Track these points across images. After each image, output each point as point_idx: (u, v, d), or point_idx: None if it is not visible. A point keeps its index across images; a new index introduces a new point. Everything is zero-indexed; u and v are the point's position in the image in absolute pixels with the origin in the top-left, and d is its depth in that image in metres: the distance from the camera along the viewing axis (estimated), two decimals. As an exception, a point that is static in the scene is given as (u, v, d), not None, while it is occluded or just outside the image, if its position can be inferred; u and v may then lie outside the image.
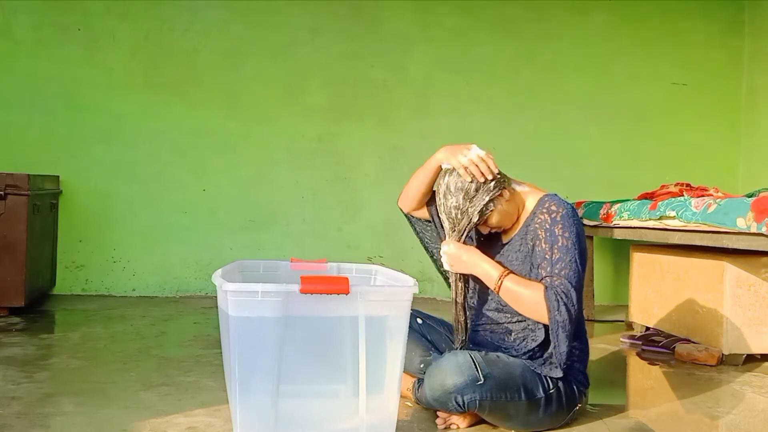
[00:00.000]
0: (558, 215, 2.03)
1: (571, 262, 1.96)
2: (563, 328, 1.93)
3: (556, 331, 1.94)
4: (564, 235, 2.00)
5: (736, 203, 2.76)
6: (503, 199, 2.07)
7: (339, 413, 1.85)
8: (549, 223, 2.03)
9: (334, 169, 4.62)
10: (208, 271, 4.39)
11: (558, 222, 2.02)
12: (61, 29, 4.35)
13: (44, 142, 4.31)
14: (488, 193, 2.04)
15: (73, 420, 2.02)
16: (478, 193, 2.04)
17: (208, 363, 2.74)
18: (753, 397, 2.55)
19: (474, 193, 2.03)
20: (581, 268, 1.98)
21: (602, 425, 2.15)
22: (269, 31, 4.57)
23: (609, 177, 4.81)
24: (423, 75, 4.73)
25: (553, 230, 2.01)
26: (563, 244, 1.99)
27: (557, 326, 1.94)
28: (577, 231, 2.03)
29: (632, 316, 3.76)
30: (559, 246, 1.99)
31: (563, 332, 1.93)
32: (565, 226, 2.01)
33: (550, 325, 1.95)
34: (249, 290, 1.73)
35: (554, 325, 1.94)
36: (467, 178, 2.03)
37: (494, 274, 2.03)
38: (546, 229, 2.02)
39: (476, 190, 2.03)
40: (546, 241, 2.01)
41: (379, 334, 1.81)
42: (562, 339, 1.94)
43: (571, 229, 2.01)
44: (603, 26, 4.89)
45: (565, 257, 1.97)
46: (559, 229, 2.01)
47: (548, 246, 2.00)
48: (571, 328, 1.94)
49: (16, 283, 3.53)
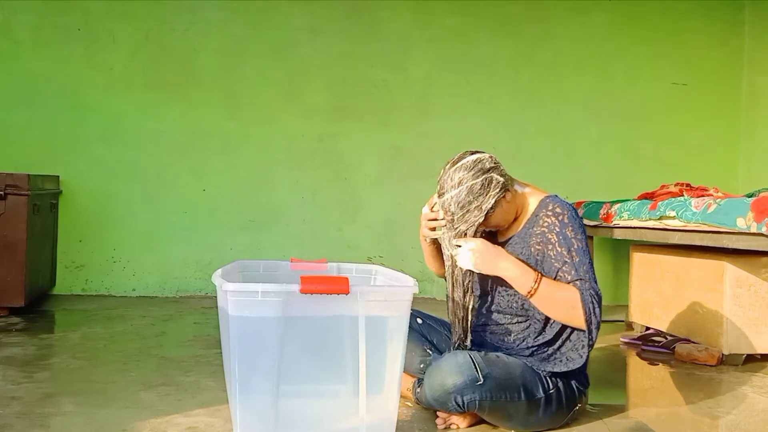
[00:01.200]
0: (565, 217, 2.03)
1: (590, 264, 2.01)
2: (597, 327, 1.99)
3: (590, 332, 2.00)
4: (577, 237, 2.02)
5: (736, 203, 2.76)
6: (505, 201, 2.07)
7: (339, 413, 1.85)
8: (559, 226, 2.03)
9: (334, 169, 4.62)
10: (208, 271, 4.39)
11: (567, 224, 2.03)
12: (61, 29, 4.35)
13: (44, 142, 4.31)
14: (494, 196, 2.03)
15: (73, 420, 2.02)
16: (483, 193, 2.03)
17: (208, 363, 2.74)
18: (753, 397, 2.55)
19: (479, 191, 2.02)
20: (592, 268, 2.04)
21: (602, 425, 2.15)
22: (269, 31, 4.57)
23: (609, 177, 4.81)
24: (423, 75, 4.73)
25: (566, 233, 2.02)
26: (579, 246, 2.01)
27: (593, 326, 1.99)
28: (583, 232, 2.06)
29: (632, 316, 3.76)
30: (576, 249, 2.00)
31: (596, 330, 2.00)
32: (575, 228, 2.03)
33: (585, 325, 1.98)
34: (249, 290, 1.73)
35: (590, 326, 1.99)
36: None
37: (530, 276, 2.00)
38: (557, 232, 2.02)
39: (481, 189, 2.02)
40: (561, 244, 2.01)
41: (379, 334, 1.81)
42: (595, 336, 2.02)
43: (579, 230, 2.03)
44: (603, 26, 4.89)
45: (584, 259, 2.00)
46: (571, 231, 2.02)
47: (565, 249, 2.00)
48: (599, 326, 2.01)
49: (16, 283, 3.53)
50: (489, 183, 2.01)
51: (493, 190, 2.02)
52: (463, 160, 2.04)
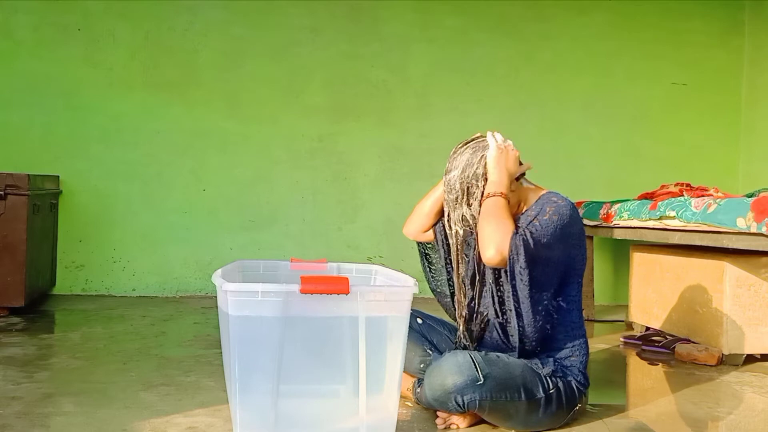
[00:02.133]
0: (553, 205, 2.05)
1: (546, 226, 1.98)
2: (520, 274, 1.93)
3: (510, 273, 1.94)
4: (551, 213, 2.01)
5: (736, 203, 2.76)
6: (510, 189, 2.09)
7: (339, 413, 1.85)
8: (543, 203, 2.06)
9: (334, 169, 4.62)
10: (208, 271, 4.39)
11: (551, 205, 2.04)
12: (61, 29, 4.35)
13: (44, 142, 4.31)
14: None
15: (73, 420, 2.02)
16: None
17: (208, 363, 2.74)
18: (753, 397, 2.55)
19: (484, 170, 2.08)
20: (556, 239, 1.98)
21: (602, 425, 2.15)
22: (269, 31, 4.57)
23: (609, 177, 4.81)
24: (423, 75, 4.73)
25: (545, 208, 2.04)
26: (544, 219, 2.01)
27: (512, 268, 1.93)
28: (566, 222, 2.02)
29: (632, 316, 3.76)
30: (540, 219, 2.01)
31: (519, 277, 1.93)
32: (555, 210, 2.03)
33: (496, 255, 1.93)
34: (249, 290, 1.73)
35: (510, 266, 1.93)
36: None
37: (500, 188, 2.04)
38: (540, 209, 2.05)
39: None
40: (533, 211, 2.06)
41: (379, 334, 1.81)
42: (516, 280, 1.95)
43: (560, 212, 2.02)
44: (603, 26, 4.89)
45: (540, 227, 1.98)
46: (550, 210, 2.03)
47: (533, 214, 2.04)
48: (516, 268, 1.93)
49: (16, 283, 3.53)
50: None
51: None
52: (475, 141, 2.14)
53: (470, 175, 2.08)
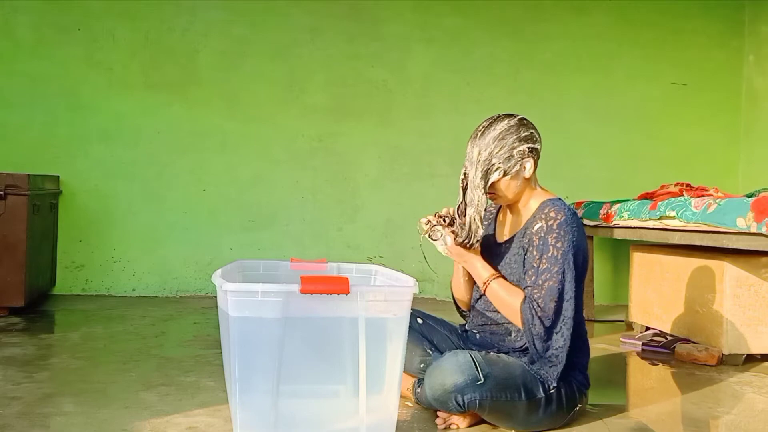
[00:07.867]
0: (555, 223, 2.03)
1: (557, 273, 1.99)
2: (539, 338, 1.98)
3: (532, 342, 2.00)
4: (556, 245, 2.01)
5: (736, 203, 2.76)
6: (521, 174, 2.13)
7: (339, 413, 1.85)
8: (545, 230, 2.03)
9: (334, 169, 4.62)
10: (208, 271, 4.39)
11: (553, 230, 2.02)
12: (61, 29, 4.35)
13: (44, 142, 4.31)
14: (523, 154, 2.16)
15: (73, 420, 2.02)
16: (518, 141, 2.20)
17: (208, 363, 2.74)
18: (753, 397, 2.55)
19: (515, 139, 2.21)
20: (569, 277, 1.99)
21: (602, 425, 2.15)
22: (269, 31, 4.57)
23: (609, 177, 4.81)
24: (423, 75, 4.73)
25: (547, 239, 2.02)
26: (553, 254, 2.00)
27: (532, 337, 1.99)
28: (573, 239, 2.02)
29: (632, 316, 3.76)
30: (548, 256, 2.00)
31: (540, 342, 1.99)
32: (559, 235, 2.01)
33: (525, 335, 2.01)
34: (249, 290, 1.73)
35: (529, 336, 1.99)
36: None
37: (486, 273, 2.10)
38: (541, 236, 2.04)
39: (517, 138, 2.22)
40: (538, 249, 2.04)
41: (379, 334, 1.81)
42: (539, 348, 2.00)
43: (565, 238, 2.01)
44: (603, 26, 4.89)
45: (552, 268, 1.99)
46: (553, 238, 2.01)
47: (538, 254, 2.03)
48: (547, 338, 1.98)
49: (16, 283, 3.53)
50: (528, 138, 2.24)
51: (525, 143, 2.20)
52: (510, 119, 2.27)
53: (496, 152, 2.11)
